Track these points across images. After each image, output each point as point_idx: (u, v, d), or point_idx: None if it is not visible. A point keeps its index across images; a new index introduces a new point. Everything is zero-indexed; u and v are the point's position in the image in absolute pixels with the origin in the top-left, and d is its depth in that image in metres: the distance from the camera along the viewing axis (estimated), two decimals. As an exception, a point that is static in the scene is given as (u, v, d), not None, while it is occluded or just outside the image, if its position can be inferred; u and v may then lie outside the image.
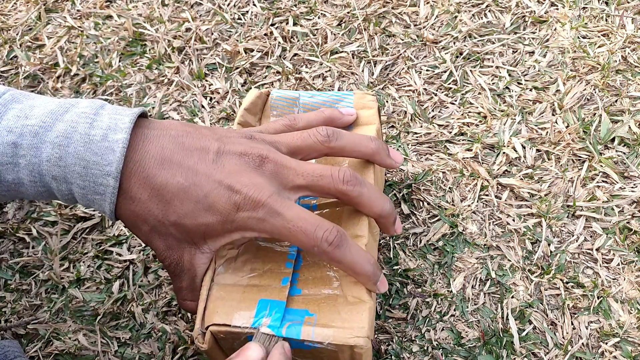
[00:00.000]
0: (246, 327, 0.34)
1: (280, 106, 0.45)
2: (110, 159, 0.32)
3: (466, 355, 0.45)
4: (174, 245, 0.35)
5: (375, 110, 0.44)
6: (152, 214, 0.33)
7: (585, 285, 0.48)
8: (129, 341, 0.47)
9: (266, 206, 0.32)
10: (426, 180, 0.53)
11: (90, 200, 0.33)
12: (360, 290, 0.35)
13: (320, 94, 0.45)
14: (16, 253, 0.52)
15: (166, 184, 0.32)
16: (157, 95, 0.61)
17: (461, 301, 0.48)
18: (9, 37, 0.66)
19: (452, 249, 0.50)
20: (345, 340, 0.33)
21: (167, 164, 0.33)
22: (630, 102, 0.57)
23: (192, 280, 0.36)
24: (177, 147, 0.33)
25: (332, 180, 0.35)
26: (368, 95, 0.44)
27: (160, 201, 0.33)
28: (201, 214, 0.33)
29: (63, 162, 0.32)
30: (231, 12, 0.67)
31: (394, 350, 0.46)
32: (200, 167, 0.33)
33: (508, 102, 0.58)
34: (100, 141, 0.32)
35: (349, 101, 0.44)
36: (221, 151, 0.34)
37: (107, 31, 0.66)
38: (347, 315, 0.34)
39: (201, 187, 0.33)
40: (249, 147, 0.34)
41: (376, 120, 0.43)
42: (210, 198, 0.32)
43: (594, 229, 0.50)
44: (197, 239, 0.35)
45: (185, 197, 0.33)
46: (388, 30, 0.64)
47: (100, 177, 0.32)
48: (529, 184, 0.53)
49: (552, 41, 0.62)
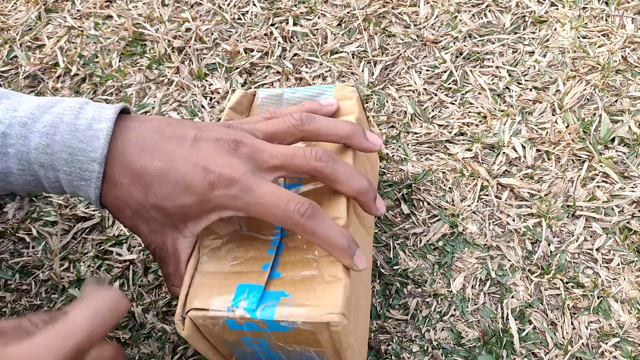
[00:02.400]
0: (223, 311, 0.34)
1: (267, 104, 0.46)
2: (95, 146, 0.34)
3: (466, 355, 0.45)
4: (157, 229, 0.36)
5: (356, 100, 0.44)
6: (134, 198, 0.35)
7: (585, 285, 0.48)
8: (129, 341, 0.47)
9: (239, 183, 0.34)
10: (426, 180, 0.53)
11: (76, 187, 0.35)
12: (337, 269, 0.35)
13: (303, 89, 0.46)
14: (16, 253, 0.52)
15: (146, 168, 0.34)
16: (157, 95, 0.61)
17: (461, 301, 0.48)
18: (9, 37, 0.66)
19: (452, 249, 0.50)
20: (319, 317, 0.33)
21: (147, 150, 0.35)
22: (630, 102, 0.57)
23: (177, 265, 0.38)
24: (157, 136, 0.35)
25: (305, 158, 0.36)
26: (348, 87, 0.45)
27: (141, 185, 0.34)
28: (179, 196, 0.34)
29: (50, 150, 0.34)
30: (231, 12, 0.67)
31: (394, 350, 0.46)
32: (178, 152, 0.35)
33: (508, 102, 0.58)
34: (85, 130, 0.34)
35: (330, 94, 0.45)
36: (198, 137, 0.36)
37: (107, 31, 0.66)
38: (322, 293, 0.34)
39: (178, 170, 0.34)
40: (225, 133, 0.36)
41: (356, 110, 0.44)
42: (187, 179, 0.34)
43: (594, 229, 0.50)
44: (178, 221, 0.36)
45: (164, 179, 0.34)
46: (388, 30, 0.64)
47: (85, 163, 0.34)
48: (529, 184, 0.53)
49: (552, 41, 0.62)
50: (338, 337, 0.34)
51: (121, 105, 0.36)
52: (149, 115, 0.37)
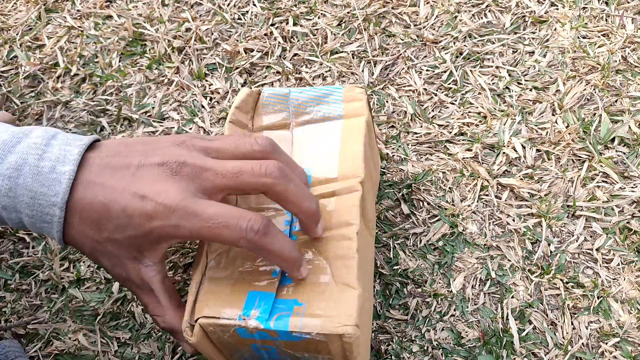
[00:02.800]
0: (234, 320, 0.34)
1: (272, 103, 0.45)
2: (56, 190, 0.33)
3: (466, 355, 0.45)
4: (117, 262, 0.36)
5: (364, 102, 0.44)
6: (87, 236, 0.34)
7: (585, 285, 0.48)
8: (129, 341, 0.47)
9: (178, 211, 0.32)
10: (426, 180, 0.53)
11: (40, 228, 0.35)
12: (350, 276, 0.35)
13: (310, 89, 0.45)
14: (16, 253, 0.52)
15: (91, 205, 0.33)
16: (157, 95, 0.61)
17: (461, 301, 0.48)
18: (9, 37, 0.66)
19: (452, 249, 0.50)
20: (334, 329, 0.33)
21: (92, 186, 0.34)
22: (630, 102, 0.57)
23: (151, 294, 0.37)
24: (104, 169, 0.34)
25: (253, 175, 0.34)
26: (357, 88, 0.44)
27: (90, 222, 0.34)
28: (125, 229, 0.33)
29: (13, 193, 0.33)
30: (231, 12, 0.67)
31: (394, 350, 0.46)
32: (118, 184, 0.34)
33: (508, 102, 0.58)
34: (48, 173, 0.33)
35: (338, 94, 0.44)
36: (141, 164, 0.34)
37: (107, 31, 0.66)
38: (335, 303, 0.34)
39: (118, 202, 0.33)
40: (170, 156, 0.34)
41: (366, 112, 0.44)
42: (128, 211, 0.33)
43: (594, 229, 0.50)
44: (135, 252, 0.35)
45: (107, 214, 0.33)
46: (388, 30, 0.64)
47: (47, 207, 0.33)
48: (529, 184, 0.53)
49: (552, 41, 0.62)
50: (350, 348, 0.34)
51: (89, 139, 0.35)
52: (111, 141, 0.36)
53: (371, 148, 0.45)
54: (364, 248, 0.39)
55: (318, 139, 0.43)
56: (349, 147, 0.42)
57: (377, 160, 0.49)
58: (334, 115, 0.44)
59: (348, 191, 0.39)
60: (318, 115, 0.44)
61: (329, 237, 0.37)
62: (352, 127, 0.43)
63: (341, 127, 0.43)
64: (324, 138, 0.43)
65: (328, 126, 0.44)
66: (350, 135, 0.42)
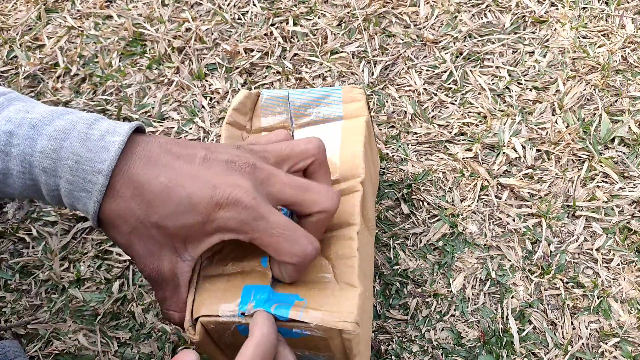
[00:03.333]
0: (234, 317, 0.34)
1: (271, 105, 0.45)
2: (103, 157, 0.32)
3: (466, 355, 0.45)
4: (155, 251, 0.34)
5: (364, 102, 0.44)
6: (133, 213, 0.33)
7: (585, 285, 0.48)
8: (129, 341, 0.47)
9: (250, 208, 0.32)
10: (426, 180, 0.53)
11: (76, 198, 0.33)
12: (352, 276, 0.36)
13: (309, 91, 0.45)
14: (16, 253, 0.52)
15: (149, 183, 0.32)
16: (157, 95, 0.61)
17: (461, 301, 0.48)
18: (9, 37, 0.66)
19: (452, 249, 0.50)
20: (334, 323, 0.33)
21: (153, 165, 0.33)
22: (630, 102, 0.57)
23: (175, 289, 0.36)
24: (164, 152, 0.34)
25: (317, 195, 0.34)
26: (356, 88, 0.45)
27: (142, 200, 0.32)
28: (183, 215, 0.32)
29: (56, 155, 0.32)
30: (231, 12, 0.67)
31: (394, 350, 0.46)
32: (185, 169, 0.33)
33: (508, 102, 0.58)
34: (97, 140, 0.32)
35: (337, 95, 0.45)
36: (208, 157, 0.34)
37: (107, 31, 0.66)
38: (337, 300, 0.34)
39: (185, 188, 0.32)
40: (236, 155, 0.34)
41: (365, 112, 0.44)
42: (194, 198, 0.32)
43: (594, 229, 0.50)
44: (178, 243, 0.34)
45: (167, 197, 0.32)
46: (388, 30, 0.64)
47: (90, 174, 0.32)
48: (529, 184, 0.53)
49: (552, 41, 0.62)
50: (350, 345, 0.34)
51: (137, 123, 0.35)
52: (160, 135, 0.36)
53: (371, 148, 0.45)
54: (364, 247, 0.39)
55: None
56: (349, 147, 0.42)
57: (376, 160, 0.49)
58: (334, 117, 0.44)
59: (349, 191, 0.39)
60: (318, 117, 0.44)
61: (330, 237, 0.38)
62: (352, 127, 0.43)
63: (341, 128, 0.44)
64: (325, 139, 0.43)
65: (328, 127, 0.44)
66: (351, 136, 0.43)
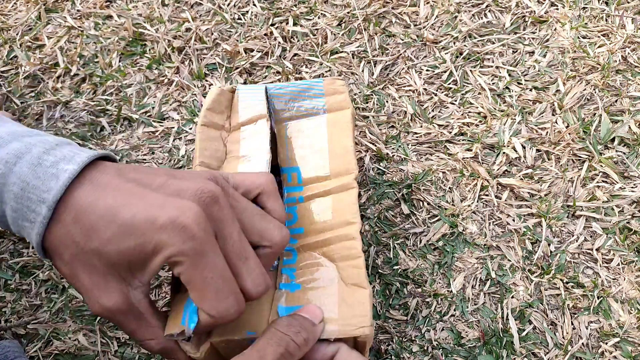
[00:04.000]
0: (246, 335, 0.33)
1: (249, 98, 0.43)
2: (50, 186, 0.29)
3: (466, 355, 0.45)
4: (100, 282, 0.31)
5: (347, 94, 0.43)
6: (73, 239, 0.30)
7: (585, 285, 0.48)
8: (129, 341, 0.47)
9: (195, 240, 0.29)
10: (426, 180, 0.53)
11: (21, 227, 0.31)
12: (360, 277, 0.35)
13: (288, 85, 0.43)
14: (16, 253, 0.52)
15: (93, 206, 0.30)
16: (157, 95, 0.61)
17: (461, 301, 0.48)
18: (9, 37, 0.66)
19: (452, 249, 0.50)
20: (351, 332, 0.33)
21: (102, 189, 0.30)
22: (630, 102, 0.57)
23: (139, 318, 0.33)
24: (118, 176, 0.31)
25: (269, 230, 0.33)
26: (338, 80, 0.43)
27: (83, 225, 0.30)
28: (124, 238, 0.30)
29: (4, 180, 0.30)
30: (231, 12, 0.67)
31: (394, 350, 0.46)
32: (136, 190, 0.30)
33: (508, 102, 0.58)
34: (49, 167, 0.30)
35: (319, 88, 0.43)
36: (167, 183, 0.31)
37: (107, 31, 0.66)
38: (350, 307, 0.34)
39: (130, 207, 0.29)
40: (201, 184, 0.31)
41: (349, 105, 0.43)
42: (137, 218, 0.29)
43: (594, 229, 0.50)
44: (124, 272, 0.31)
45: (111, 219, 0.29)
46: (388, 30, 0.64)
47: (35, 203, 0.29)
48: (529, 184, 0.53)
49: (552, 41, 0.62)
50: (364, 345, 0.34)
51: (105, 152, 0.32)
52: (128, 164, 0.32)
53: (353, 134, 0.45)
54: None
55: (304, 136, 0.42)
56: (338, 142, 0.41)
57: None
58: (317, 110, 0.43)
59: (344, 189, 0.39)
60: (300, 111, 0.43)
61: (332, 238, 0.37)
62: (338, 121, 0.42)
63: (326, 122, 0.42)
64: (310, 134, 0.42)
65: (312, 122, 0.42)
66: (338, 130, 0.41)
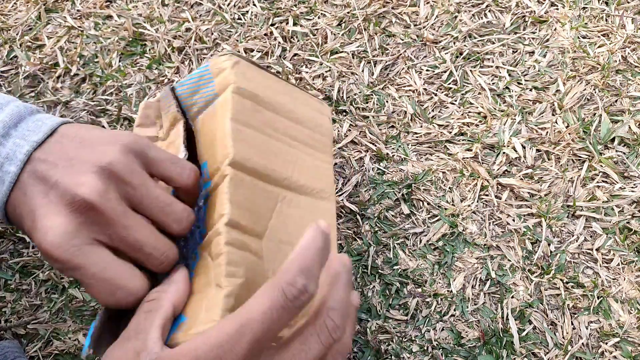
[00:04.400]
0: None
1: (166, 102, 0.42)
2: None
3: (466, 355, 0.45)
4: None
5: (230, 69, 0.39)
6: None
7: (585, 285, 0.48)
8: (129, 341, 0.47)
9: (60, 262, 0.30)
10: (426, 180, 0.53)
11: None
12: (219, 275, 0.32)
13: (187, 78, 0.41)
14: (16, 253, 0.52)
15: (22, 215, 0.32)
16: (157, 95, 0.61)
17: (461, 301, 0.48)
18: (9, 37, 0.66)
19: (452, 249, 0.50)
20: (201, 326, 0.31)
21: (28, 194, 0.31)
22: (630, 102, 0.57)
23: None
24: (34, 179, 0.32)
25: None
26: (222, 56, 0.40)
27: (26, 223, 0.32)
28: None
29: None
30: (231, 12, 0.67)
31: (394, 350, 0.46)
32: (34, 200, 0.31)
33: (508, 102, 0.58)
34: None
35: (207, 72, 0.40)
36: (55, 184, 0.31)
37: (107, 31, 0.66)
38: (208, 310, 0.31)
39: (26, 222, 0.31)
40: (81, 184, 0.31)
41: (232, 79, 0.38)
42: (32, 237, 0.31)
43: (594, 229, 0.50)
44: None
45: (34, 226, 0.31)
46: (388, 30, 0.64)
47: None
48: (529, 184, 0.53)
49: (552, 41, 0.62)
50: None
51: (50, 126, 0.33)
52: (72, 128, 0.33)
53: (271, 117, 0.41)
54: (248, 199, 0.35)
55: (206, 126, 0.39)
56: (219, 126, 0.37)
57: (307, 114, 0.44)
58: (211, 96, 0.39)
59: (221, 178, 0.35)
60: (201, 103, 0.40)
61: (208, 238, 0.34)
62: (223, 102, 0.38)
63: (217, 107, 0.39)
64: (209, 124, 0.38)
65: (211, 110, 0.39)
66: (221, 112, 0.38)
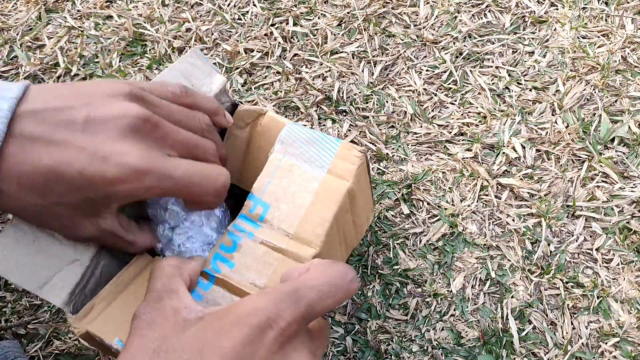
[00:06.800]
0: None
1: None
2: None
3: (466, 355, 0.45)
4: (70, 223, 0.32)
5: (355, 168, 0.39)
6: (29, 202, 0.30)
7: (585, 285, 0.48)
8: (129, 341, 0.47)
9: (150, 174, 0.30)
10: (426, 180, 0.53)
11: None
12: None
13: (306, 129, 0.40)
14: (16, 253, 0.52)
15: (34, 170, 0.29)
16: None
17: (461, 301, 0.48)
18: (9, 37, 0.66)
19: (452, 249, 0.50)
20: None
21: (34, 148, 0.29)
22: (630, 102, 0.57)
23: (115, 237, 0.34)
24: (45, 125, 0.30)
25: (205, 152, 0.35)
26: (356, 148, 0.39)
27: (32, 188, 0.29)
28: (78, 192, 0.30)
29: None
30: (231, 12, 0.67)
31: (394, 350, 0.46)
32: (68, 142, 0.29)
33: (508, 102, 0.58)
34: None
35: (333, 146, 0.39)
36: (91, 118, 0.30)
37: (107, 31, 0.66)
38: None
39: (73, 165, 0.29)
40: (124, 109, 0.31)
41: (351, 179, 0.38)
42: (86, 174, 0.29)
43: (593, 229, 0.50)
44: (90, 211, 0.31)
45: (58, 177, 0.29)
46: (388, 31, 0.64)
47: None
48: (529, 184, 0.53)
49: (552, 41, 0.62)
50: None
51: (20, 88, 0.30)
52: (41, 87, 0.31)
53: (352, 218, 0.41)
54: None
55: (292, 180, 0.38)
56: (319, 209, 0.37)
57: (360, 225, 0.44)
58: (319, 164, 0.38)
59: (295, 258, 0.35)
60: (305, 156, 0.39)
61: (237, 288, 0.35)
62: (332, 189, 0.37)
63: (320, 181, 0.38)
64: (298, 182, 0.38)
65: (308, 172, 0.38)
66: (326, 197, 0.37)
